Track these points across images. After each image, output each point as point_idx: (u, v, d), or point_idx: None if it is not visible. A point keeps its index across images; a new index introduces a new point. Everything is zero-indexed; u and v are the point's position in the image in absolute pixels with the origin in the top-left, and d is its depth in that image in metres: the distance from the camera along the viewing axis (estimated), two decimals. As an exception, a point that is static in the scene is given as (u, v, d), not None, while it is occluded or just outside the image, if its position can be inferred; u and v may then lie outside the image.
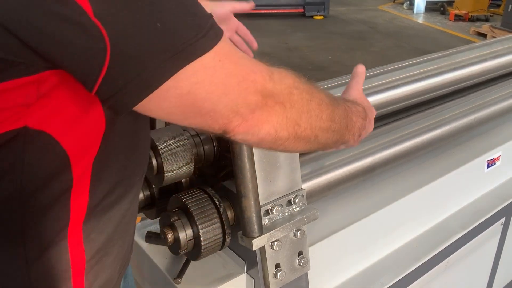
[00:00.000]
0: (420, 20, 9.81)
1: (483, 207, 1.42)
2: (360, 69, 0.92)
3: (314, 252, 0.98)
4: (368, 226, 1.13)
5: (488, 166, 1.45)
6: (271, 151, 0.85)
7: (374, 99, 1.18)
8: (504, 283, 1.77)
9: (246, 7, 1.24)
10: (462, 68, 1.42)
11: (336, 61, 6.57)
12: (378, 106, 1.20)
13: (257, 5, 1.82)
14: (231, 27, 1.24)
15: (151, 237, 0.97)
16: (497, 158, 1.48)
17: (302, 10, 9.49)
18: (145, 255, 1.02)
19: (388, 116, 1.28)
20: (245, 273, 0.95)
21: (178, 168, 0.85)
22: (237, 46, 1.28)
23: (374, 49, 7.28)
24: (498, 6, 9.96)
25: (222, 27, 0.55)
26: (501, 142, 1.50)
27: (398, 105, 1.27)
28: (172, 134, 0.86)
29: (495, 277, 1.66)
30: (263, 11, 8.72)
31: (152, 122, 1.08)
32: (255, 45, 1.29)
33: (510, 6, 7.58)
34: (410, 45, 7.51)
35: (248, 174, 0.80)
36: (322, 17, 9.52)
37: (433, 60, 1.38)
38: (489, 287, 1.68)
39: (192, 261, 0.94)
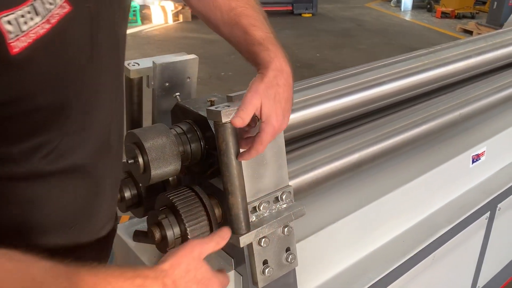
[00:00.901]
0: (407, 17, 9.89)
1: (469, 202, 1.44)
2: (224, 233, 0.78)
3: (302, 248, 0.98)
4: (355, 222, 1.14)
5: (473, 161, 1.47)
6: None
7: (361, 95, 1.19)
8: (490, 276, 1.80)
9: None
10: (447, 65, 1.44)
11: (324, 58, 6.60)
12: (365, 103, 1.21)
13: (244, 3, 1.79)
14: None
15: (138, 235, 0.97)
16: (482, 154, 1.50)
17: (290, 8, 9.51)
18: (133, 254, 1.02)
19: (374, 113, 1.29)
20: (233, 270, 0.95)
21: (165, 166, 0.85)
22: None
23: (361, 46, 7.33)
24: (484, 3, 10.08)
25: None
26: (485, 138, 1.52)
27: (384, 101, 1.27)
28: (158, 132, 0.85)
29: (481, 270, 1.69)
30: (251, 9, 8.69)
31: (139, 120, 1.08)
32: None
33: (495, 3, 7.68)
34: (397, 42, 7.57)
35: (234, 172, 0.80)
36: (310, 14, 9.55)
37: (419, 57, 1.39)
38: (475, 280, 1.70)
39: (180, 259, 0.94)
